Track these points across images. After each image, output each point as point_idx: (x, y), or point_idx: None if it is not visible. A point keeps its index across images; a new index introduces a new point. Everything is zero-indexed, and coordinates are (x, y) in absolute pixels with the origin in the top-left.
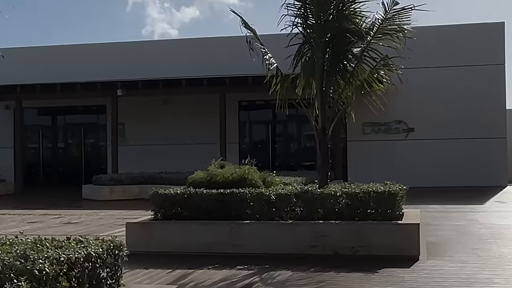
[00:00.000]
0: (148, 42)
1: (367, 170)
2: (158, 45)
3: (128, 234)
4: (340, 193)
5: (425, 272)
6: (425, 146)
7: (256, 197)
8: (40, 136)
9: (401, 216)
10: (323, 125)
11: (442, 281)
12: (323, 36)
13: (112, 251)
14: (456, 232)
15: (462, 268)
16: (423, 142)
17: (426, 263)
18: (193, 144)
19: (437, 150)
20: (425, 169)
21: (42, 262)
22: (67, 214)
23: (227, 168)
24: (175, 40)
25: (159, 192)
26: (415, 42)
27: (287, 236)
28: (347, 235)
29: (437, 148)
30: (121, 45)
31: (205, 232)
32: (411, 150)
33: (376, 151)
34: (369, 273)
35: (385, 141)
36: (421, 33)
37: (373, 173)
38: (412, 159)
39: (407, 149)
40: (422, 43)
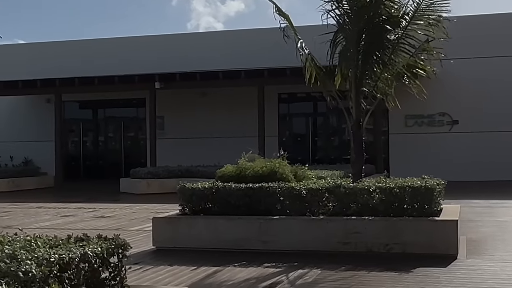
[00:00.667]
0: (186, 35)
1: (410, 164)
2: (196, 37)
3: (154, 229)
4: (374, 188)
5: (462, 272)
6: (470, 139)
7: (286, 191)
8: (81, 129)
9: (438, 212)
10: (358, 117)
11: (480, 282)
12: (358, 24)
13: (114, 251)
14: (499, 229)
15: (503, 268)
16: (468, 135)
17: (464, 262)
18: (232, 137)
19: (483, 143)
20: (470, 163)
21: (29, 263)
22: (102, 208)
23: (257, 162)
24: (213, 32)
25: (186, 186)
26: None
27: (318, 232)
28: (381, 232)
29: (483, 141)
30: (159, 38)
31: (233, 227)
32: (455, 143)
33: (419, 144)
34: (402, 273)
35: (428, 134)
36: (467, 22)
37: (416, 166)
38: (456, 152)
39: (451, 142)
40: (467, 32)
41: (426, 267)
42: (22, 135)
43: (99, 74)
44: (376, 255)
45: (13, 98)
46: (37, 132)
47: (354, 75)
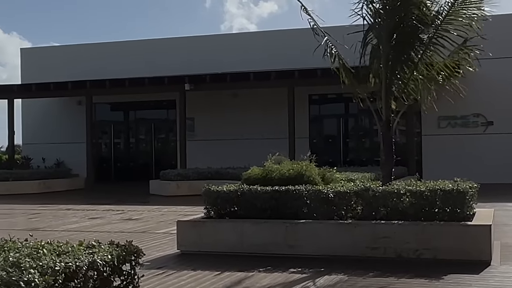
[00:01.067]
0: (216, 36)
1: (443, 166)
2: (226, 39)
3: (178, 233)
4: (403, 191)
5: (495, 279)
6: (506, 140)
7: (313, 194)
8: (112, 131)
9: (471, 216)
10: (387, 118)
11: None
12: (389, 22)
13: (126, 258)
14: None
15: None
16: (503, 136)
17: (498, 268)
18: (262, 139)
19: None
20: (505, 165)
21: (33, 272)
22: (130, 210)
23: (284, 164)
24: (243, 33)
25: (211, 189)
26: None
27: (346, 237)
28: (410, 237)
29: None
30: (189, 40)
31: (259, 231)
32: (490, 144)
33: (452, 146)
34: (433, 280)
35: (462, 135)
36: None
37: (449, 168)
38: (491, 154)
39: (486, 144)
40: (504, 31)
41: (457, 274)
42: (54, 137)
43: (129, 76)
44: (405, 260)
45: (46, 100)
46: (69, 134)
47: (384, 75)
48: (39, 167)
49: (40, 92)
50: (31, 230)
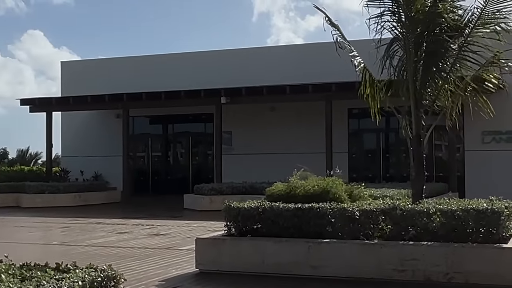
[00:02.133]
0: (253, 49)
1: (487, 182)
2: (262, 51)
3: (197, 250)
4: (434, 210)
5: None
6: None
7: (337, 212)
8: (150, 144)
9: (507, 238)
10: (417, 132)
11: None
12: (415, 32)
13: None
14: None
15: None
16: None
17: None
18: (300, 153)
19: None
20: None
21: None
22: (160, 225)
23: (309, 180)
24: (279, 46)
25: (232, 206)
26: None
27: (371, 258)
28: (441, 259)
29: None
30: (227, 53)
31: (280, 251)
32: None
33: (497, 162)
34: None
35: (507, 151)
36: None
37: (493, 185)
38: None
39: None
40: None
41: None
42: (93, 149)
43: (165, 89)
44: (435, 284)
45: (85, 113)
46: (107, 147)
47: (413, 87)
48: (77, 180)
49: (77, 105)
50: (55, 244)
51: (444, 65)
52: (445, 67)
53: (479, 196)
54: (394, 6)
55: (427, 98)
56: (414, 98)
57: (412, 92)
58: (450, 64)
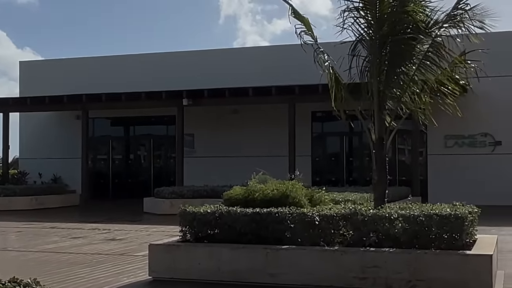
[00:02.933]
0: (216, 51)
1: (450, 187)
2: (226, 53)
3: (151, 257)
4: (396, 215)
5: None
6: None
7: (297, 217)
8: (111, 147)
9: (471, 244)
10: (380, 135)
11: None
12: (380, 31)
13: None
14: None
15: None
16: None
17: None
18: (263, 157)
19: None
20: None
21: None
22: (117, 229)
23: (268, 184)
24: (244, 48)
25: (187, 210)
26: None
27: (332, 265)
28: (403, 266)
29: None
30: (189, 54)
31: (237, 258)
32: (498, 165)
33: (459, 166)
34: None
35: (470, 155)
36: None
37: (456, 189)
38: (500, 175)
39: (494, 164)
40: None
41: None
42: (52, 152)
43: (128, 91)
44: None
45: (45, 114)
46: (67, 149)
47: (376, 88)
48: (36, 183)
49: (35, 105)
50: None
51: (409, 66)
52: (410, 68)
53: (442, 200)
54: (360, 5)
55: (390, 100)
56: (377, 100)
57: (375, 93)
58: (415, 65)
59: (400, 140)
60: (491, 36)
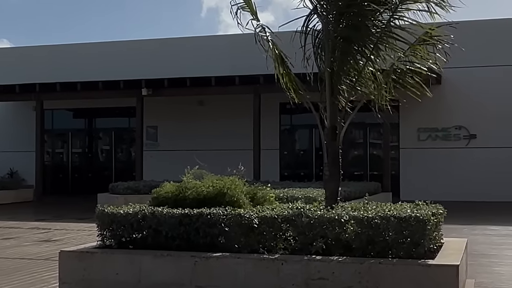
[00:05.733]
0: (178, 39)
1: (422, 181)
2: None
3: (61, 266)
4: (347, 217)
5: None
6: (490, 155)
7: (232, 220)
8: (70, 140)
9: (436, 251)
10: (333, 123)
11: None
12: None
13: None
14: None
15: None
16: (487, 150)
17: None
18: (230, 150)
19: (505, 159)
20: (490, 181)
21: None
22: (58, 229)
23: (205, 180)
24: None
25: (105, 211)
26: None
27: (270, 276)
28: (354, 279)
29: (505, 158)
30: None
31: (160, 267)
32: (473, 159)
33: (433, 160)
34: None
35: (443, 148)
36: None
37: (429, 184)
38: (474, 169)
39: (468, 158)
40: (487, 37)
41: None
42: (9, 144)
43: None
44: None
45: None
46: (25, 141)
47: (329, 67)
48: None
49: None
50: None
51: (367, 43)
52: (368, 46)
53: (414, 196)
54: None
55: (345, 82)
56: (330, 83)
57: (328, 75)
58: (374, 42)
59: (372, 135)
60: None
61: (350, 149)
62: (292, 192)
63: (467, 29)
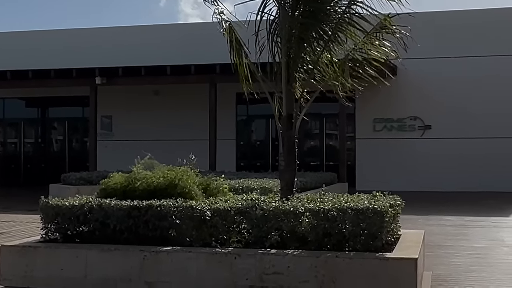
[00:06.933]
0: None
1: (378, 172)
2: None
3: (2, 262)
4: (303, 209)
5: None
6: (445, 145)
7: (183, 212)
8: (22, 129)
9: (393, 243)
10: (289, 111)
11: None
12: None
13: None
14: (475, 260)
15: None
16: (442, 141)
17: None
18: (186, 140)
19: (459, 150)
20: (445, 172)
21: None
22: (6, 221)
23: (156, 171)
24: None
25: (50, 203)
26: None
27: (223, 271)
28: (310, 273)
29: (458, 148)
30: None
31: (107, 262)
32: (428, 149)
33: (388, 150)
34: None
35: (399, 139)
36: (441, 18)
37: (385, 175)
38: (429, 160)
39: (423, 149)
40: (442, 30)
41: None
42: None
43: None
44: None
45: None
46: None
47: (285, 57)
48: None
49: None
50: None
51: (325, 29)
52: (326, 32)
53: (370, 186)
54: None
55: (302, 70)
56: (286, 71)
57: (284, 61)
58: (332, 28)
59: (328, 125)
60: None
61: (306, 140)
62: (247, 183)
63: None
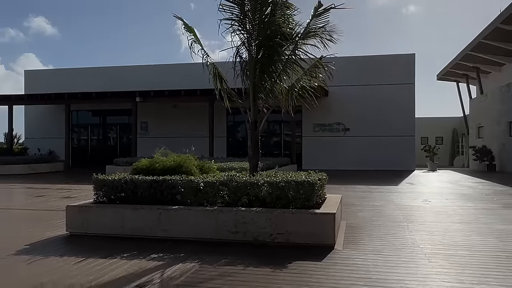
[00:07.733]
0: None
1: (317, 158)
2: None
3: (68, 216)
4: (262, 181)
5: (336, 268)
6: (357, 141)
7: (186, 184)
8: (89, 131)
9: (321, 204)
10: (255, 118)
11: (351, 285)
12: (257, 39)
13: None
14: (375, 214)
15: (375, 262)
16: (356, 138)
17: (340, 253)
18: (194, 137)
19: (366, 143)
20: (357, 157)
21: None
22: (76, 189)
23: (169, 157)
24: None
25: (99, 177)
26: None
27: (211, 222)
28: (267, 223)
29: (366, 143)
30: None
31: (137, 216)
32: (347, 143)
33: (322, 144)
34: (277, 269)
35: (329, 137)
36: (355, 61)
37: (321, 159)
38: (348, 150)
39: (345, 143)
40: (355, 67)
41: (302, 260)
42: (48, 133)
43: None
44: (261, 244)
45: (43, 106)
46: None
47: (252, 84)
48: (36, 155)
49: (30, 100)
50: None
51: (276, 67)
52: (277, 68)
53: (311, 167)
54: (241, 16)
55: (263, 92)
56: (253, 92)
57: (251, 87)
58: (281, 67)
59: (285, 128)
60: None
61: (271, 137)
62: (231, 165)
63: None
